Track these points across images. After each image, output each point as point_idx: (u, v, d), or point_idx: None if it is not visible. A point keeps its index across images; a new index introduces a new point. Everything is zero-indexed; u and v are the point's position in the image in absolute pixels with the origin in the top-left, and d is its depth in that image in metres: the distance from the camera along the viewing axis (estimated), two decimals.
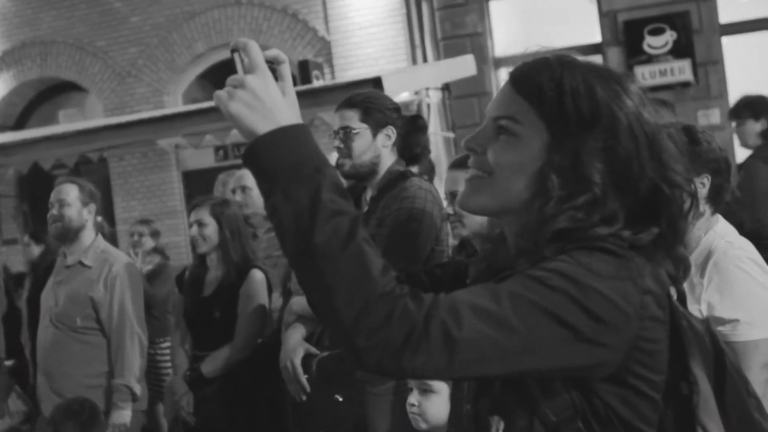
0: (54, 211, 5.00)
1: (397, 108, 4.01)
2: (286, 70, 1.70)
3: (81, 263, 5.02)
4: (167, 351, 6.76)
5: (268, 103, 1.59)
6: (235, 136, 9.40)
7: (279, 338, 4.90)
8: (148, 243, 7.59)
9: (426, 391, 3.05)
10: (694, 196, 1.70)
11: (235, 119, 1.59)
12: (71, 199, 5.00)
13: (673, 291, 1.71)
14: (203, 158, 12.68)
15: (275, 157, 1.54)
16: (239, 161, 11.09)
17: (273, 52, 1.67)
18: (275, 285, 5.22)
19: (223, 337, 4.97)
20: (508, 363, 1.51)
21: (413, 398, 3.06)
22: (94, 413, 4.30)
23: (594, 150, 1.63)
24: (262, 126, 1.57)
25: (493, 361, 1.50)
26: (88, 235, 5.07)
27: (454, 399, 1.82)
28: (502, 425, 1.64)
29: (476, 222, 3.56)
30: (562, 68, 1.68)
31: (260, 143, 1.56)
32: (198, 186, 12.35)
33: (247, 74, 1.61)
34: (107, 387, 4.92)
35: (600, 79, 1.68)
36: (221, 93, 1.62)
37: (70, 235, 5.02)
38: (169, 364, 6.53)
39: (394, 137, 3.88)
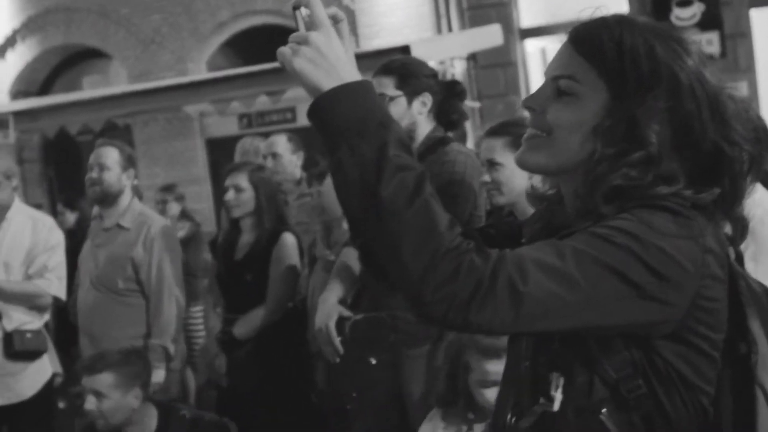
0: (93, 174, 5.01)
1: (434, 74, 4.01)
2: (345, 28, 1.71)
3: (119, 225, 5.04)
4: (198, 316, 6.82)
5: (332, 60, 1.60)
6: (260, 103, 9.42)
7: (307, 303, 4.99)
8: (174, 208, 7.63)
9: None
10: (755, 156, 1.70)
11: (299, 75, 1.60)
12: (111, 163, 5.01)
13: (731, 251, 1.73)
14: (227, 126, 12.67)
15: (340, 112, 1.56)
16: (263, 129, 11.11)
17: (332, 10, 1.68)
18: (305, 251, 5.25)
19: (255, 300, 5.01)
20: (571, 318, 1.53)
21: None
22: (139, 353, 4.37)
23: (652, 110, 1.64)
24: (327, 82, 1.58)
25: (558, 316, 1.52)
26: (126, 198, 5.09)
27: (512, 356, 1.83)
28: (561, 381, 1.66)
29: (514, 190, 3.57)
30: (621, 28, 1.68)
31: (325, 99, 1.58)
32: (222, 154, 12.36)
33: (310, 31, 1.62)
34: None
35: (660, 39, 1.68)
36: (285, 50, 1.63)
37: (108, 199, 5.04)
38: (199, 329, 6.59)
39: (430, 104, 3.89)
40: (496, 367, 2.96)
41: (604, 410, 1.62)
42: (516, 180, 3.55)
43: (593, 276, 1.52)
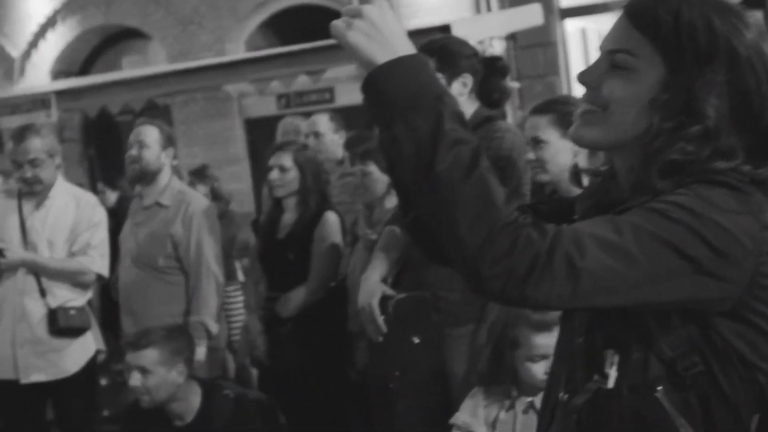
0: (133, 152, 5.03)
1: (475, 54, 3.97)
2: (391, 3, 1.70)
3: (158, 203, 5.06)
4: (236, 295, 6.84)
5: (386, 33, 1.59)
6: (300, 83, 9.44)
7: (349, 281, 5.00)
8: (202, 189, 7.64)
9: None
10: None
11: (353, 49, 1.59)
12: (151, 141, 5.03)
13: None
14: (266, 106, 12.70)
15: (395, 86, 1.54)
16: (302, 109, 11.12)
17: None
18: (347, 230, 5.25)
19: (297, 278, 5.02)
20: (628, 294, 1.52)
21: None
22: (182, 330, 4.42)
23: (710, 84, 1.62)
24: (381, 56, 1.57)
25: (615, 292, 1.51)
26: (165, 177, 5.10)
27: (564, 332, 1.81)
28: (616, 359, 1.64)
29: (558, 168, 3.55)
30: (679, 1, 1.66)
31: (379, 73, 1.56)
32: (260, 134, 12.40)
33: (363, 4, 1.61)
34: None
35: (718, 12, 1.65)
36: (339, 23, 1.62)
37: (147, 177, 5.06)
38: (237, 308, 6.61)
39: (471, 85, 3.85)
40: (546, 341, 2.96)
41: (659, 388, 1.61)
42: (560, 158, 3.53)
43: (651, 251, 1.51)
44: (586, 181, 3.45)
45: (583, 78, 1.74)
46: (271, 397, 4.62)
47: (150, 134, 5.07)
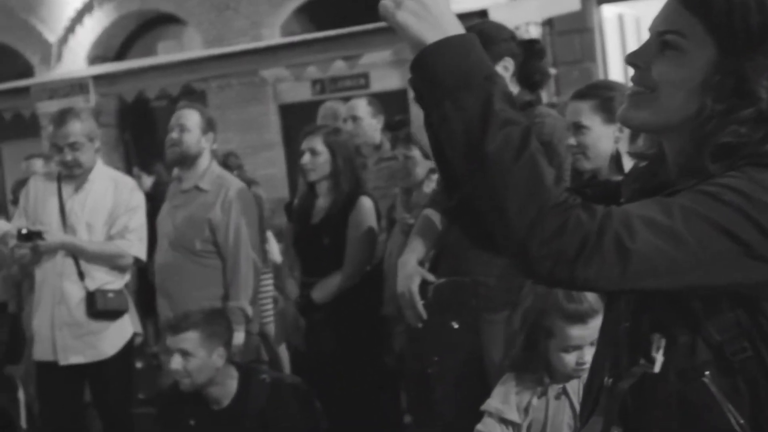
0: (174, 135, 5.05)
1: (513, 37, 3.94)
2: None
3: (197, 187, 5.08)
4: (266, 279, 6.85)
5: (435, 13, 1.58)
6: (336, 69, 9.44)
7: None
8: None
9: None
10: None
11: (402, 29, 1.58)
12: (192, 125, 5.05)
13: None
14: (300, 92, 12.72)
15: (444, 65, 1.53)
16: (337, 95, 11.13)
17: None
18: (382, 215, 5.24)
19: (332, 263, 5.01)
20: (678, 276, 1.50)
21: (588, 355, 3.03)
22: (221, 313, 4.42)
23: (762, 66, 1.59)
24: (430, 35, 1.56)
25: (665, 274, 1.49)
26: (205, 161, 5.12)
27: (609, 317, 1.80)
28: (663, 343, 1.63)
29: (600, 155, 3.51)
30: None
31: (429, 52, 1.55)
32: (294, 119, 12.43)
33: None
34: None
35: None
36: (388, 3, 1.60)
37: (187, 161, 5.07)
38: (268, 293, 6.61)
39: (512, 68, 3.82)
40: (580, 332, 2.94)
41: (707, 373, 1.59)
42: (602, 144, 3.50)
43: (701, 234, 1.49)
44: (628, 166, 3.43)
45: (632, 59, 1.72)
46: (306, 382, 4.62)
47: (191, 118, 5.08)
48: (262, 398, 4.17)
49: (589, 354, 2.99)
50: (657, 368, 1.63)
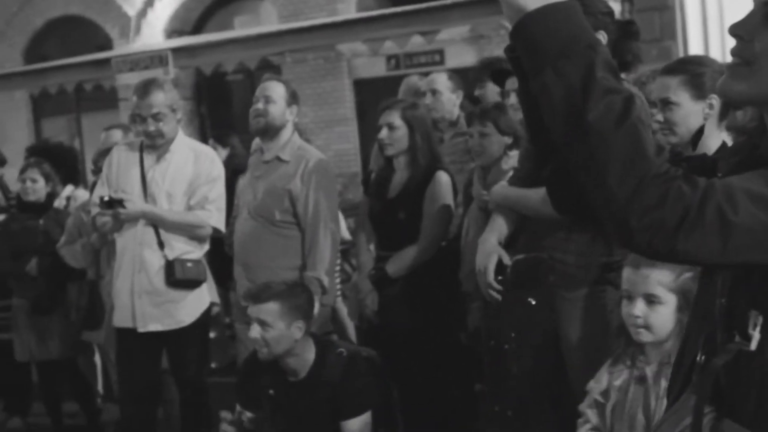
0: (259, 105, 5.08)
1: (610, 12, 3.88)
2: None
3: (278, 158, 5.11)
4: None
5: None
6: (413, 44, 9.42)
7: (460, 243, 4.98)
8: None
9: (653, 302, 3.01)
10: None
11: None
12: (277, 97, 5.08)
13: None
14: (375, 67, 12.72)
15: (546, 33, 1.51)
16: (411, 71, 11.09)
17: None
18: (459, 191, 5.22)
19: (408, 238, 5.01)
20: None
21: (637, 309, 3.01)
22: (303, 286, 4.44)
23: None
24: (532, 1, 1.53)
25: (767, 249, 1.46)
26: (287, 132, 5.15)
27: (704, 293, 1.77)
28: (760, 320, 1.60)
29: (688, 131, 3.45)
30: None
31: (530, 19, 1.53)
32: (368, 94, 12.44)
33: None
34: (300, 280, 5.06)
35: None
36: None
37: (270, 132, 5.10)
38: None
39: (605, 42, 3.77)
40: (629, 275, 3.02)
41: None
42: (690, 120, 3.43)
43: None
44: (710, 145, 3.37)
45: (735, 30, 1.67)
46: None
47: (276, 90, 5.12)
48: (337, 371, 4.18)
49: (638, 309, 2.97)
50: (753, 346, 1.60)
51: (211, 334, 6.51)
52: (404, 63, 12.58)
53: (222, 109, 14.22)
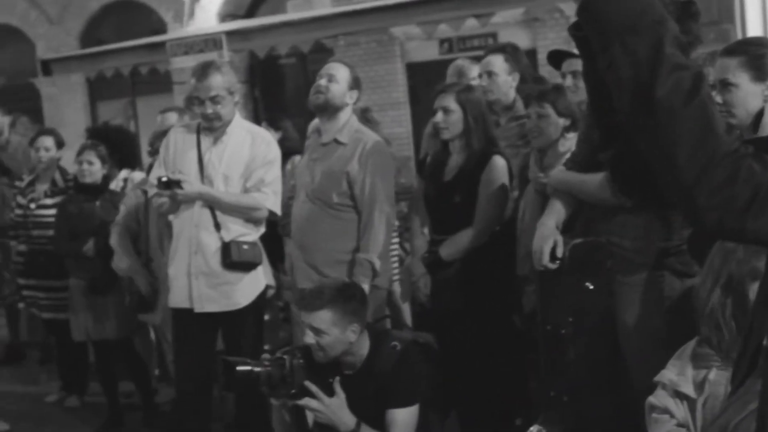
0: (322, 82, 5.10)
1: None
2: None
3: (336, 141, 5.12)
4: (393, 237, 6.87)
5: None
6: (467, 27, 9.36)
7: (516, 226, 4.95)
8: None
9: None
10: None
11: None
12: (341, 78, 5.11)
13: None
14: (428, 50, 12.67)
15: (613, 8, 1.49)
16: (464, 54, 11.04)
17: None
18: (514, 174, 5.19)
19: (462, 221, 5.00)
20: None
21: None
22: (356, 287, 4.34)
23: None
24: None
25: None
26: (345, 115, 5.17)
27: None
28: None
29: (747, 113, 3.39)
30: None
31: None
32: (421, 78, 12.41)
33: None
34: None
35: None
36: None
37: (329, 110, 5.11)
38: (393, 251, 6.64)
39: None
40: None
41: None
42: (750, 102, 3.38)
43: None
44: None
45: None
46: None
47: (341, 71, 5.15)
48: (389, 364, 4.17)
49: None
50: None
51: (265, 316, 6.56)
52: (457, 46, 12.52)
53: (275, 93, 14.26)
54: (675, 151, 1.42)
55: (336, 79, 5.10)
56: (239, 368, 3.93)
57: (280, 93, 14.51)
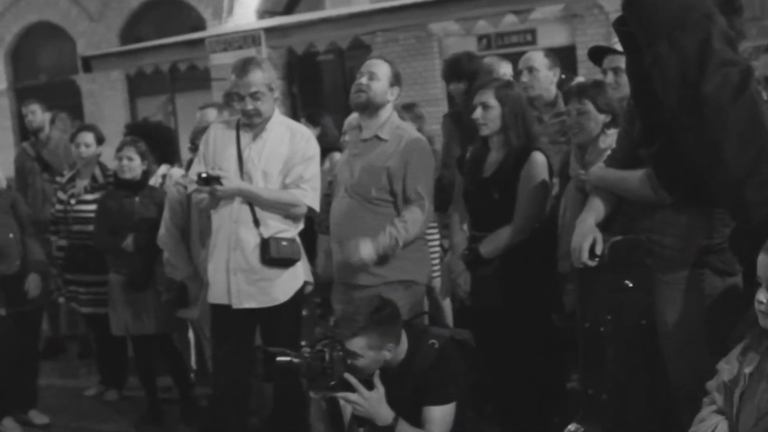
0: (363, 80, 5.12)
1: None
2: None
3: (377, 137, 5.13)
4: (433, 233, 6.86)
5: None
6: (506, 24, 9.32)
7: (556, 223, 4.92)
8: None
9: None
10: None
11: None
12: (381, 75, 5.12)
13: None
14: (466, 46, 12.59)
15: (661, 3, 1.47)
16: (503, 51, 11.01)
17: None
18: (555, 172, 5.16)
19: (502, 218, 4.97)
20: None
21: (762, 295, 2.91)
22: (391, 305, 4.26)
23: None
24: None
25: None
26: (387, 112, 5.18)
27: None
28: None
29: None
30: None
31: None
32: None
33: None
34: (396, 258, 5.08)
35: None
36: None
37: (370, 108, 5.12)
38: (434, 247, 6.63)
39: None
40: (763, 260, 2.82)
41: None
42: None
43: None
44: None
45: None
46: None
47: (381, 68, 5.17)
48: (427, 362, 4.17)
49: (763, 295, 2.85)
50: None
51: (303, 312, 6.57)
52: (495, 43, 12.49)
53: (313, 89, 14.29)
54: (722, 147, 1.41)
55: (377, 76, 5.11)
56: (279, 358, 3.93)
57: (318, 89, 14.53)
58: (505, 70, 6.31)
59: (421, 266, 5.24)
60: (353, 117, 5.47)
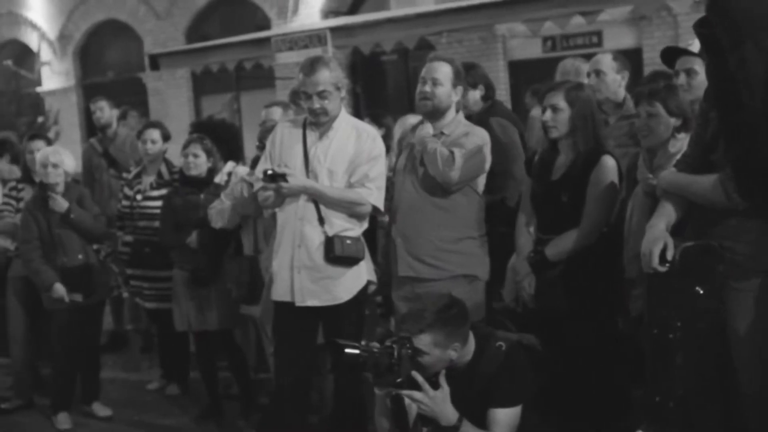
0: (426, 88, 5.16)
1: None
2: None
3: (442, 132, 5.22)
4: None
5: None
6: (573, 25, 9.24)
7: (622, 227, 4.86)
8: None
9: None
10: None
11: None
12: (443, 78, 5.15)
13: None
14: (530, 48, 12.58)
15: (746, 4, 1.44)
16: (567, 53, 10.92)
17: None
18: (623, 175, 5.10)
19: (569, 221, 4.93)
20: None
21: None
22: (458, 304, 4.22)
23: None
24: None
25: None
26: (452, 112, 5.24)
27: None
28: None
29: None
30: None
31: None
32: (523, 76, 12.31)
33: None
34: (459, 252, 5.12)
35: None
36: None
37: (437, 114, 5.20)
38: None
39: None
40: None
41: None
42: None
43: None
44: None
45: None
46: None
47: (442, 71, 5.19)
48: (494, 365, 4.15)
49: None
50: None
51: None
52: (561, 45, 12.40)
53: (376, 89, 14.31)
54: None
55: (439, 81, 5.17)
56: (347, 351, 3.92)
57: (381, 89, 14.55)
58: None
59: (483, 262, 5.26)
60: (410, 119, 5.48)
